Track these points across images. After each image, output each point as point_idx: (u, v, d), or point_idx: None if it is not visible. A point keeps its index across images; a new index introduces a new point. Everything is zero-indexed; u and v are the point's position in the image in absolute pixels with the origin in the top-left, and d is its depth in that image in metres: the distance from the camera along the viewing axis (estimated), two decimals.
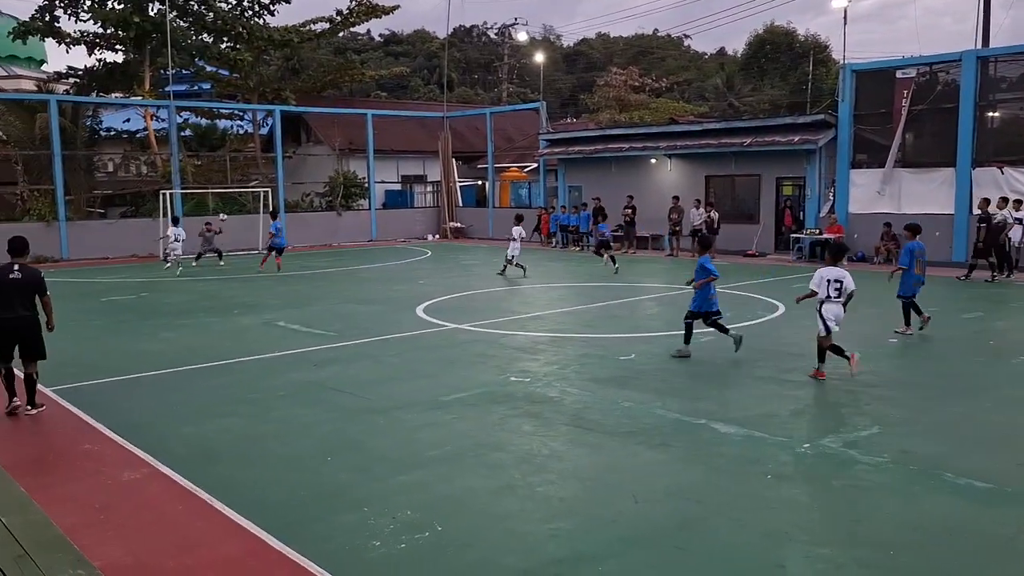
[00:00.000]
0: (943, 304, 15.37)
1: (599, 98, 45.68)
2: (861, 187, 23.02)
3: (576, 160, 30.35)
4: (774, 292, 16.28)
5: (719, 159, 25.96)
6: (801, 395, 8.65)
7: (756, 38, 46.31)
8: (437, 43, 67.33)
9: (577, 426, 7.63)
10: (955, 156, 21.13)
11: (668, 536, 5.31)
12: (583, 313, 14.73)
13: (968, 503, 5.79)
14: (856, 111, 23.09)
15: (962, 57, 21.24)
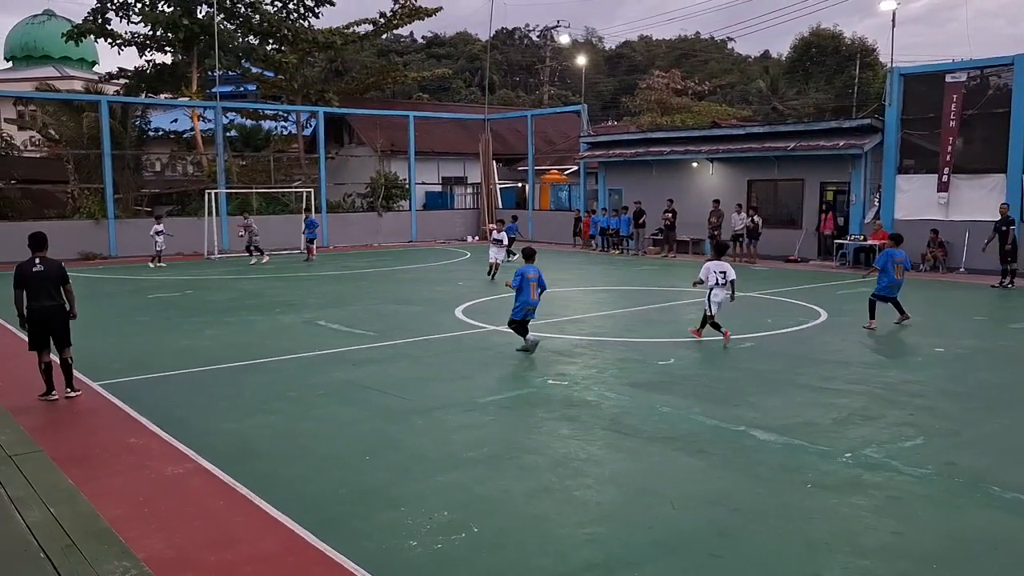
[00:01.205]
0: (990, 312, 15.06)
1: (640, 101, 45.40)
2: (908, 193, 22.62)
3: (617, 163, 30.25)
4: (816, 299, 16.06)
5: (762, 163, 25.68)
6: (843, 403, 8.52)
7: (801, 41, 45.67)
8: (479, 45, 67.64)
9: (615, 431, 7.61)
10: (1006, 162, 20.66)
11: (704, 543, 5.27)
12: (622, 317, 14.67)
13: (1015, 518, 5.66)
14: (904, 115, 22.70)
15: (1015, 61, 20.76)
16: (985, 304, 16.05)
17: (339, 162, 35.97)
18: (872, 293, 13.32)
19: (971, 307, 15.76)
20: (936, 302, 16.42)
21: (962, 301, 16.69)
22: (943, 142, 21.78)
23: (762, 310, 15.04)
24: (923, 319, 13.90)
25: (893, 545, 5.23)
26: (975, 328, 13.24)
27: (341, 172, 35.12)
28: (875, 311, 13.09)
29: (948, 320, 14.25)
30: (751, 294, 17.08)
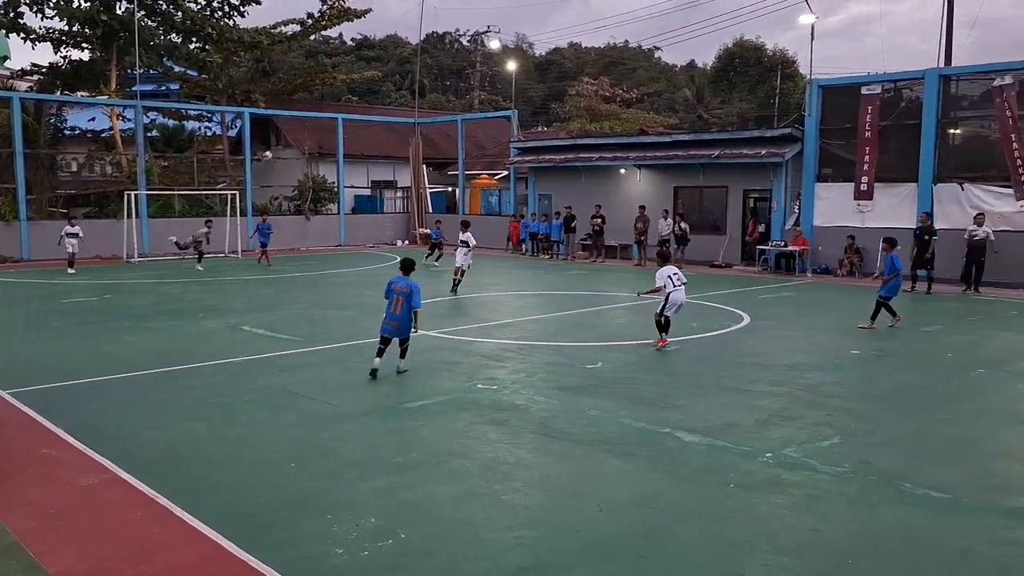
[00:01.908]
0: (904, 316, 15.62)
1: (570, 107, 45.85)
2: (826, 200, 23.35)
3: (546, 169, 30.45)
4: (740, 303, 16.44)
5: (688, 170, 26.19)
6: (764, 405, 8.74)
7: (726, 51, 46.82)
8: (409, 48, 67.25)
9: (543, 434, 7.64)
10: (918, 171, 21.52)
11: (632, 545, 5.33)
12: (551, 321, 14.76)
13: (926, 514, 5.89)
14: (822, 125, 23.44)
15: (925, 75, 21.66)
16: (899, 308, 16.64)
17: (265, 164, 35.33)
18: (880, 295, 13.68)
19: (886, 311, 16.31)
20: (853, 306, 16.96)
21: None
22: (859, 152, 22.56)
23: (688, 314, 15.28)
24: (841, 322, 14.36)
25: (811, 542, 5.37)
26: (890, 331, 13.74)
27: (268, 175, 34.51)
28: (879, 313, 13.60)
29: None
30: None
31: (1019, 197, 19.98)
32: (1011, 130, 20.01)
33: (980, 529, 5.60)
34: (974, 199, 20.55)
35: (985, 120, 21.59)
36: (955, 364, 11.22)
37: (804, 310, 16.53)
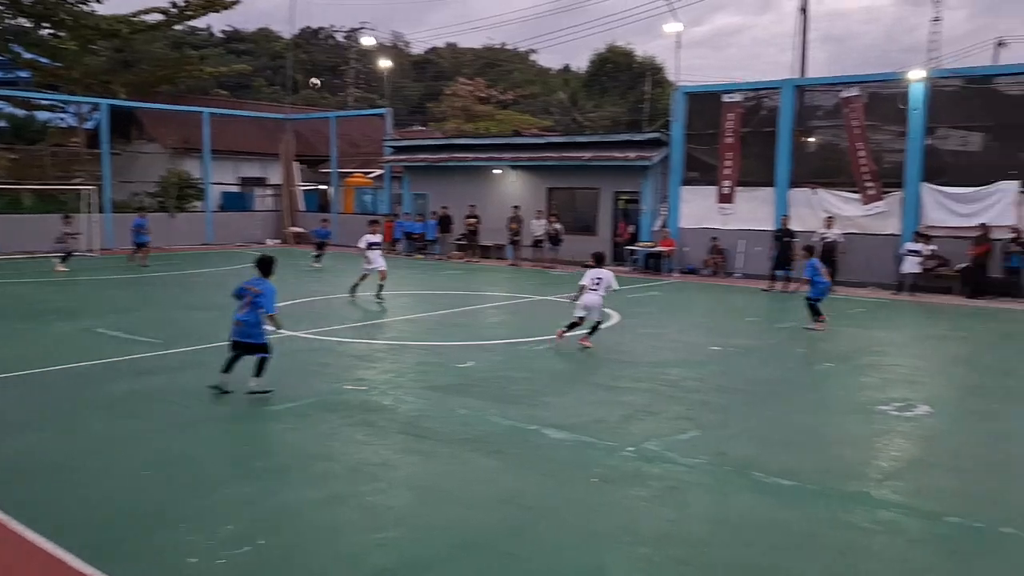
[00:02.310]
0: (761, 314, 16.43)
1: (446, 107, 45.86)
2: (691, 203, 24.27)
3: (421, 168, 30.35)
4: (610, 302, 16.80)
5: (561, 172, 26.67)
6: (629, 400, 9.00)
7: (598, 56, 47.96)
8: (282, 43, 65.50)
9: (411, 434, 7.61)
10: (775, 176, 22.67)
11: (498, 542, 5.38)
12: (424, 321, 14.72)
13: (774, 500, 6.21)
14: (688, 131, 24.36)
15: (781, 85, 22.85)
16: (757, 306, 17.51)
17: (126, 159, 33.64)
18: (808, 297, 14.29)
19: (744, 309, 17.13)
20: (714, 304, 17.74)
21: (737, 303, 18.10)
22: (722, 157, 23.57)
23: (559, 313, 15.58)
24: (703, 320, 14.96)
25: (668, 532, 5.58)
26: (747, 328, 14.41)
27: (129, 170, 32.86)
28: (817, 311, 14.13)
29: (724, 321, 15.41)
30: (552, 298, 17.68)
31: (865, 202, 21.37)
32: (858, 139, 21.38)
33: (822, 513, 5.95)
34: (825, 203, 21.83)
35: (835, 129, 22.95)
36: (805, 359, 11.89)
37: (669, 309, 17.12)
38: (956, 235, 19.87)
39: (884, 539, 5.55)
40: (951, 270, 19.90)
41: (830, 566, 5.12)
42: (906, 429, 8.23)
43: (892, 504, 6.14)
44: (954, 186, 20.34)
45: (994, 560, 5.27)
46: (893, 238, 20.76)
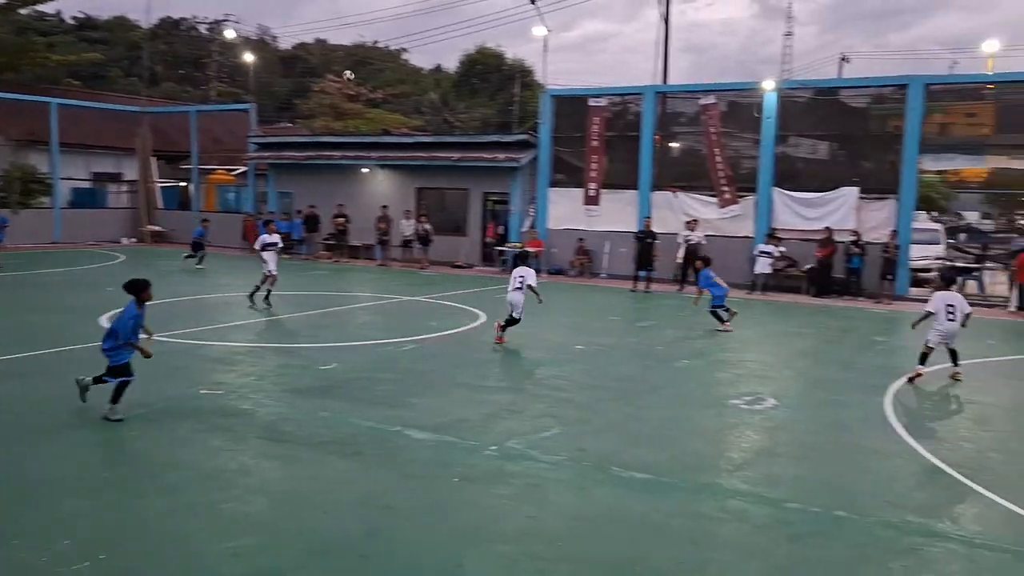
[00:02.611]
0: (623, 313, 16.90)
1: (314, 104, 44.85)
2: (559, 204, 24.69)
3: (287, 166, 29.55)
4: (478, 302, 16.92)
5: (430, 172, 26.57)
6: (493, 400, 9.06)
7: (468, 57, 48.11)
8: (140, 32, 62.36)
9: (269, 439, 7.40)
10: (638, 179, 23.37)
11: (355, 545, 5.29)
12: (288, 322, 14.36)
13: (630, 493, 6.39)
14: (555, 134, 24.76)
15: (643, 91, 23.59)
16: (620, 306, 18.00)
17: None
18: (713, 305, 14.61)
19: (609, 309, 17.58)
20: (580, 304, 18.11)
21: (602, 303, 18.55)
22: (588, 160, 24.10)
23: (427, 313, 15.55)
24: (569, 320, 15.23)
25: (528, 528, 5.64)
26: (611, 327, 14.79)
27: None
28: (720, 317, 14.52)
29: (589, 320, 15.74)
30: (418, 298, 17.60)
31: (721, 205, 22.34)
32: (715, 145, 22.33)
33: (675, 504, 6.17)
34: (685, 206, 22.68)
35: (695, 135, 23.87)
36: (664, 356, 12.30)
37: (536, 309, 17.31)
38: (804, 238, 21.06)
39: (732, 527, 5.81)
40: (799, 271, 21.07)
41: (680, 555, 5.32)
42: (755, 421, 8.64)
43: (740, 493, 6.43)
44: (802, 191, 21.56)
45: (827, 541, 5.60)
46: (747, 240, 21.78)
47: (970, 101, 23.10)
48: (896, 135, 20.78)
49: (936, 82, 21.17)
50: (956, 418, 9.49)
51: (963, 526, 5.89)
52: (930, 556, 5.41)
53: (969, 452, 7.80)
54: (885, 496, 6.48)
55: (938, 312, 10.61)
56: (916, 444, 7.85)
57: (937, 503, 6.38)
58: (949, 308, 10.61)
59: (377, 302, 17.38)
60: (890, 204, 20.57)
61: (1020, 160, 21.81)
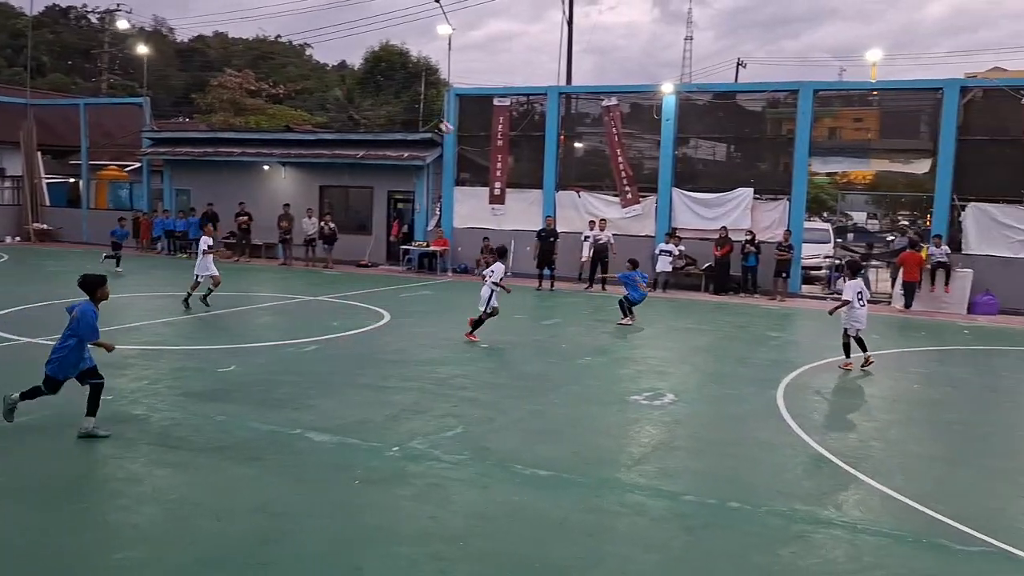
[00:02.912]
0: (528, 312, 17.03)
1: (212, 99, 43.57)
2: (464, 203, 24.69)
3: (184, 162, 28.60)
4: (382, 301, 16.76)
5: (334, 170, 26.16)
6: (396, 400, 8.98)
7: (372, 54, 47.56)
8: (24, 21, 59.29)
9: (162, 445, 7.14)
10: (543, 179, 23.58)
11: (250, 552, 5.16)
12: (185, 324, 13.90)
13: (531, 490, 6.43)
14: (460, 132, 24.73)
15: (547, 92, 23.81)
16: (525, 304, 18.10)
17: None
18: (627, 298, 15.26)
19: (513, 307, 17.61)
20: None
21: (506, 301, 18.53)
22: (493, 159, 24.18)
23: (330, 313, 15.32)
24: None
25: (428, 529, 5.61)
26: (515, 326, 14.86)
27: None
28: (626, 310, 15.20)
29: (494, 319, 15.76)
30: (321, 298, 17.32)
31: (624, 205, 22.76)
32: (617, 146, 22.73)
33: (575, 500, 6.24)
34: (589, 206, 23.02)
35: (599, 135, 24.24)
36: (568, 353, 12.44)
37: (441, 308, 17.31)
38: (702, 237, 21.66)
39: (629, 520, 5.92)
40: (698, 269, 21.66)
41: (580, 550, 5.38)
42: (654, 417, 8.83)
43: (639, 487, 6.56)
44: (701, 191, 22.17)
45: (721, 531, 5.77)
46: (649, 239, 22.25)
47: (856, 107, 24.22)
48: (789, 138, 21.61)
49: (824, 88, 22.14)
50: (842, 409, 9.92)
51: (846, 512, 6.17)
52: (816, 542, 5.64)
53: (853, 442, 8.18)
54: (776, 486, 6.73)
55: (852, 300, 11.40)
56: (805, 435, 8.18)
57: (823, 491, 6.65)
58: (860, 295, 11.52)
59: (279, 302, 17.02)
60: (783, 204, 21.36)
61: (901, 163, 22.98)
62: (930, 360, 13.42)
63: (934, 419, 9.47)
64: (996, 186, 19.84)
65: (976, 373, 12.37)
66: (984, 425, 9.14)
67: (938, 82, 20.46)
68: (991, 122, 20.19)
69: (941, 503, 6.33)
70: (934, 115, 20.42)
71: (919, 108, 21.73)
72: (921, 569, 5.28)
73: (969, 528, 5.85)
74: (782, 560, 5.33)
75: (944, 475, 7.30)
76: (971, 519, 6.00)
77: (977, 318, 18.49)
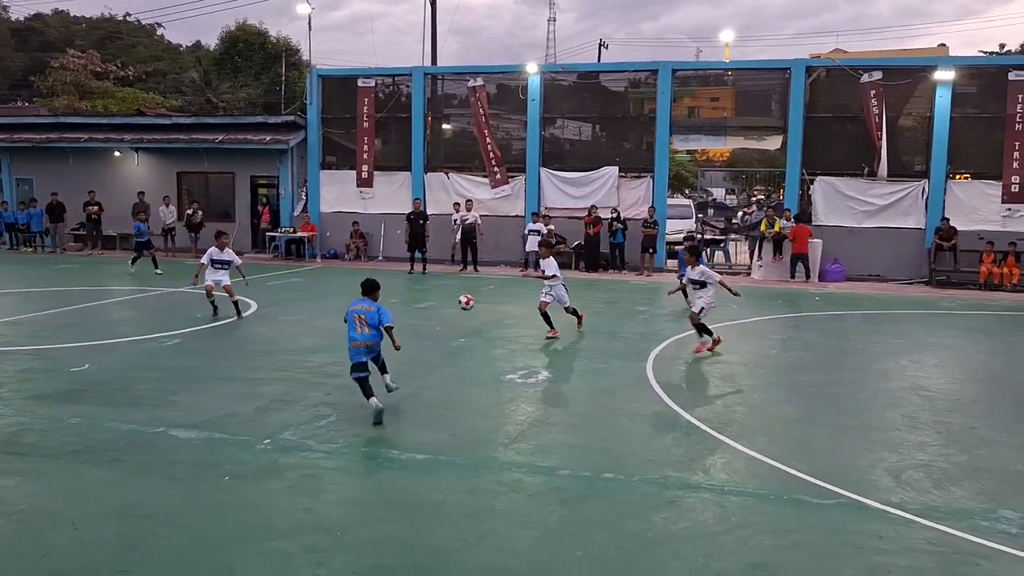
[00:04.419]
0: (402, 295, 16.86)
1: (54, 82, 40.72)
2: (331, 187, 24.15)
3: (25, 149, 26.64)
4: (249, 291, 16.16)
5: (191, 155, 25.02)
6: (267, 391, 8.71)
7: (229, 34, 45.63)
8: None
9: (9, 452, 6.65)
10: (411, 161, 23.34)
11: (112, 561, 4.88)
12: (31, 322, 12.99)
13: (408, 474, 6.38)
14: (324, 115, 24.13)
15: (412, 72, 23.54)
16: (398, 288, 17.91)
17: None
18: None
19: (386, 291, 17.32)
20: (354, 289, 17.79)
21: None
22: (359, 141, 23.73)
23: (193, 305, 14.67)
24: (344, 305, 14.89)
25: (304, 521, 5.47)
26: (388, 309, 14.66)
27: None
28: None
29: None
30: (183, 289, 16.58)
31: (493, 186, 22.84)
32: (484, 127, 22.74)
33: (453, 482, 6.22)
34: (458, 187, 22.97)
35: (465, 117, 24.17)
36: (442, 336, 12.39)
37: (310, 294, 16.90)
38: (571, 215, 22.01)
39: (507, 498, 5.95)
40: (568, 247, 22.02)
41: (459, 531, 5.37)
42: (529, 394, 8.93)
43: (516, 465, 6.61)
44: (568, 171, 22.50)
45: (597, 503, 5.89)
46: (518, 219, 22.43)
47: (713, 86, 25.13)
48: (651, 117, 22.21)
49: (682, 68, 22.85)
50: (707, 378, 10.31)
51: (714, 476, 6.43)
52: (687, 506, 5.84)
53: (718, 408, 8.52)
54: (647, 455, 6.93)
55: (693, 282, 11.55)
56: (673, 404, 8.46)
57: (692, 457, 6.90)
58: (700, 278, 11.56)
59: (137, 295, 16.17)
60: (647, 182, 21.97)
61: (754, 141, 24.04)
62: (785, 326, 14.16)
63: (791, 382, 9.99)
64: (840, 161, 21.08)
65: (826, 337, 13.13)
66: (835, 385, 9.71)
67: (786, 63, 21.50)
68: (834, 100, 21.41)
69: (800, 461, 6.69)
70: (783, 94, 21.46)
71: (770, 87, 22.77)
72: (784, 524, 5.55)
73: (825, 483, 6.21)
74: (655, 526, 5.50)
75: (801, 435, 7.71)
76: (827, 474, 6.38)
77: (827, 285, 19.64)
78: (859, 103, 20.68)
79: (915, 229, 20.44)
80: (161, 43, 74.96)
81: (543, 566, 4.91)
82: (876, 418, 8.25)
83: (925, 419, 8.18)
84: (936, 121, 20.11)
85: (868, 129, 20.47)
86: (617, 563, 4.97)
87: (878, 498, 5.97)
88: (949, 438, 7.55)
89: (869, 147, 20.58)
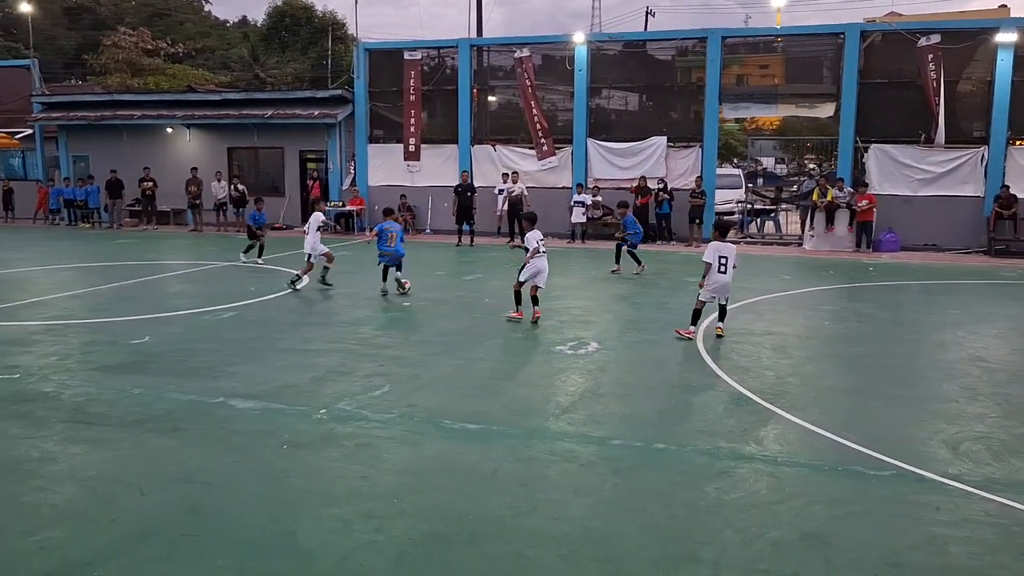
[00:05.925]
0: (450, 268, 16.97)
1: (106, 60, 41.49)
2: (378, 161, 24.30)
3: (81, 127, 27.29)
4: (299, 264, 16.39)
5: (241, 131, 25.36)
6: (320, 363, 8.86)
7: (275, 9, 46.00)
8: None
9: (77, 421, 6.89)
10: (457, 134, 23.35)
11: (176, 525, 5.03)
12: (93, 296, 13.36)
13: (461, 444, 6.45)
14: (371, 88, 24.23)
15: (458, 44, 23.47)
16: (446, 261, 18.06)
17: None
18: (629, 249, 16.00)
19: (434, 264, 17.58)
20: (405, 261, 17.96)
21: (427, 259, 18.50)
22: (406, 115, 23.79)
23: (247, 278, 14.95)
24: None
25: (360, 488, 5.58)
26: (437, 282, 14.79)
27: None
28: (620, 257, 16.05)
29: (415, 277, 15.63)
30: (236, 263, 16.88)
31: (539, 157, 22.75)
32: (531, 98, 22.62)
33: (505, 451, 6.29)
34: (504, 159, 22.94)
35: (512, 88, 24.08)
36: (491, 308, 12.44)
37: (360, 267, 17.07)
38: (619, 187, 21.85)
39: (559, 467, 6.00)
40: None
41: (513, 499, 5.43)
42: (579, 365, 8.94)
43: (567, 435, 6.65)
44: (615, 142, 22.32)
45: (649, 472, 5.91)
46: (565, 191, 22.35)
47: (762, 53, 24.63)
48: (699, 86, 21.88)
49: (731, 35, 22.42)
50: (758, 349, 10.21)
51: (766, 447, 6.39)
52: (739, 476, 5.83)
53: (770, 379, 8.45)
54: (699, 426, 6.92)
55: (712, 264, 10.05)
56: (725, 375, 8.42)
57: (744, 428, 6.86)
58: (722, 260, 10.06)
59: (192, 269, 16.52)
60: (695, 152, 21.69)
61: (805, 109, 23.56)
62: (839, 297, 13.94)
63: (844, 353, 9.86)
64: (896, 128, 20.56)
65: (881, 308, 12.90)
66: (890, 356, 9.56)
67: (839, 27, 20.97)
68: (889, 66, 20.84)
69: (854, 432, 6.62)
70: (836, 60, 20.96)
71: (822, 53, 22.25)
72: (839, 495, 5.52)
73: (880, 454, 6.14)
74: (708, 496, 5.50)
75: (856, 406, 7.62)
76: (881, 445, 6.31)
77: (881, 255, 19.26)
78: (916, 68, 20.11)
79: (973, 197, 19.91)
80: (208, 19, 75.76)
81: (598, 533, 4.95)
82: (933, 389, 8.12)
83: (984, 390, 8.03)
84: (997, 86, 19.50)
85: (925, 95, 19.92)
86: (671, 531, 4.99)
87: (935, 470, 5.89)
88: (1009, 409, 7.40)
89: (926, 113, 20.03)
